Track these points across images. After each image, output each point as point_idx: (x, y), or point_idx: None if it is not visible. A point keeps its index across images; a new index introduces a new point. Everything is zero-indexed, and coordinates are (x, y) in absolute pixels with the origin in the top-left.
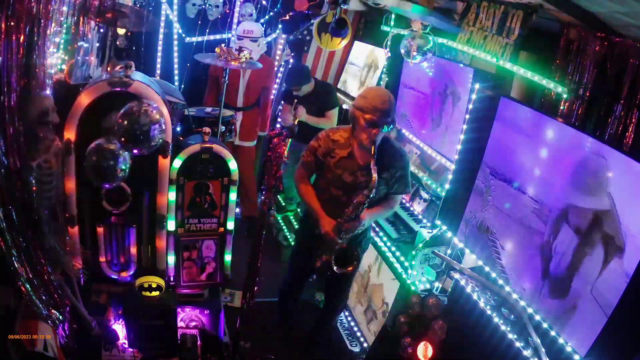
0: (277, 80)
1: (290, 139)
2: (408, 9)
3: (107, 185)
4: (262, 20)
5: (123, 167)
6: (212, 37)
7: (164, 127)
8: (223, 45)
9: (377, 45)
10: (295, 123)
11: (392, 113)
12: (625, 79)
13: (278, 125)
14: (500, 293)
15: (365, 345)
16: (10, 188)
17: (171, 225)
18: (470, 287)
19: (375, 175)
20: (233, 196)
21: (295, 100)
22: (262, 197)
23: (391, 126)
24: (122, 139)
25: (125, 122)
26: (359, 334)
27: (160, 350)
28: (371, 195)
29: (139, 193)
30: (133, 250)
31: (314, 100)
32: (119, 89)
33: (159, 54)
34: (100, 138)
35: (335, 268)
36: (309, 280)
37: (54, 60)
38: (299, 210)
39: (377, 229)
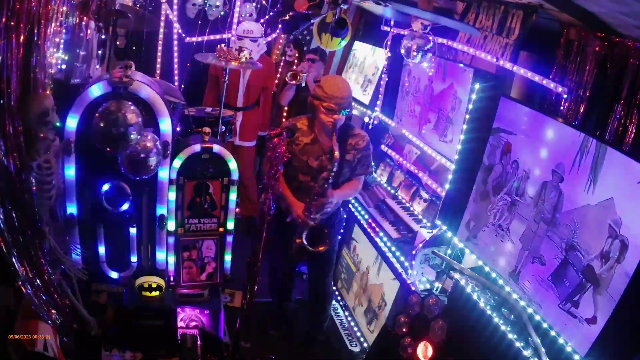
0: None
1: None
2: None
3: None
4: (262, 20)
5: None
6: (212, 37)
7: (141, 129)
8: (223, 45)
9: (377, 45)
10: (302, 76)
11: (349, 98)
12: (625, 79)
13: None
14: (500, 293)
15: (365, 345)
16: (10, 188)
17: (171, 225)
18: (470, 287)
19: (337, 152)
20: (233, 196)
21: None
22: (262, 197)
23: (347, 110)
24: (101, 143)
25: (102, 124)
26: (359, 334)
27: (160, 350)
28: (334, 169)
29: (139, 193)
30: (133, 250)
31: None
32: (119, 88)
33: (159, 54)
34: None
35: (307, 247)
36: (295, 273)
37: (54, 60)
38: None
39: (377, 229)
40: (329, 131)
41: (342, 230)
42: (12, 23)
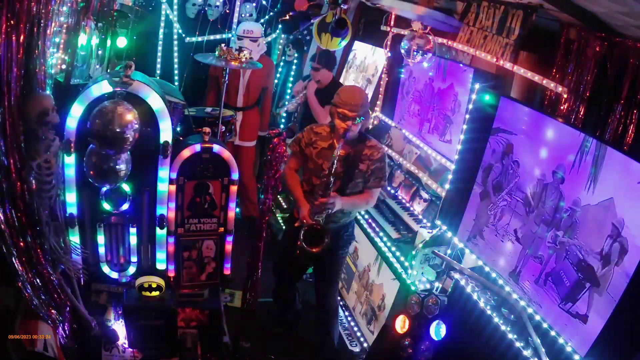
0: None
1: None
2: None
3: (107, 186)
4: (262, 20)
5: (123, 168)
6: (212, 37)
7: (136, 128)
8: (223, 45)
9: (377, 45)
10: (302, 95)
11: (362, 106)
12: (625, 79)
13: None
14: (500, 293)
15: (365, 345)
16: (10, 188)
17: (171, 225)
18: (470, 287)
19: (337, 152)
20: (233, 196)
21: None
22: (262, 197)
23: (361, 118)
24: (95, 141)
25: (98, 123)
26: (359, 334)
27: (160, 350)
28: (333, 165)
29: (139, 193)
30: (133, 250)
31: (324, 92)
32: (119, 89)
33: (159, 54)
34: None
35: (303, 245)
36: (300, 277)
37: (54, 60)
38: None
39: (377, 229)
40: (342, 136)
41: (350, 244)
42: (12, 22)
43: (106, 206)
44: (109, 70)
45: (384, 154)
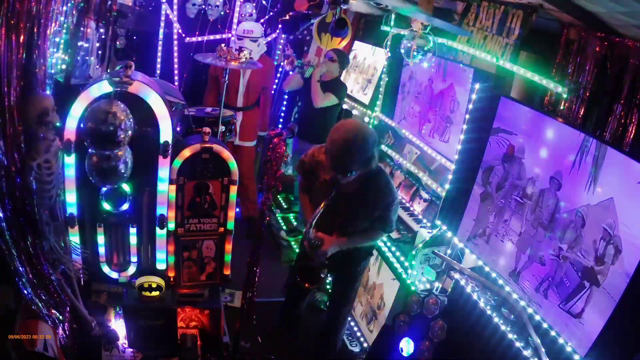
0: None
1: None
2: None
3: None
4: (262, 20)
5: (124, 168)
6: (212, 37)
7: (129, 128)
8: (223, 45)
9: (377, 45)
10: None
11: (351, 162)
12: (625, 79)
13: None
14: (500, 293)
15: (365, 345)
16: (10, 188)
17: (171, 225)
18: (470, 287)
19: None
20: (233, 196)
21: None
22: (262, 197)
23: (355, 172)
24: (88, 141)
25: (90, 124)
26: (359, 334)
27: (160, 350)
28: (321, 212)
29: (139, 193)
30: (133, 250)
31: (324, 85)
32: (119, 89)
33: (159, 54)
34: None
35: (297, 279)
36: (310, 293)
37: (54, 60)
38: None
39: None
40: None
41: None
42: (12, 22)
43: (106, 206)
44: (109, 70)
45: (392, 200)
